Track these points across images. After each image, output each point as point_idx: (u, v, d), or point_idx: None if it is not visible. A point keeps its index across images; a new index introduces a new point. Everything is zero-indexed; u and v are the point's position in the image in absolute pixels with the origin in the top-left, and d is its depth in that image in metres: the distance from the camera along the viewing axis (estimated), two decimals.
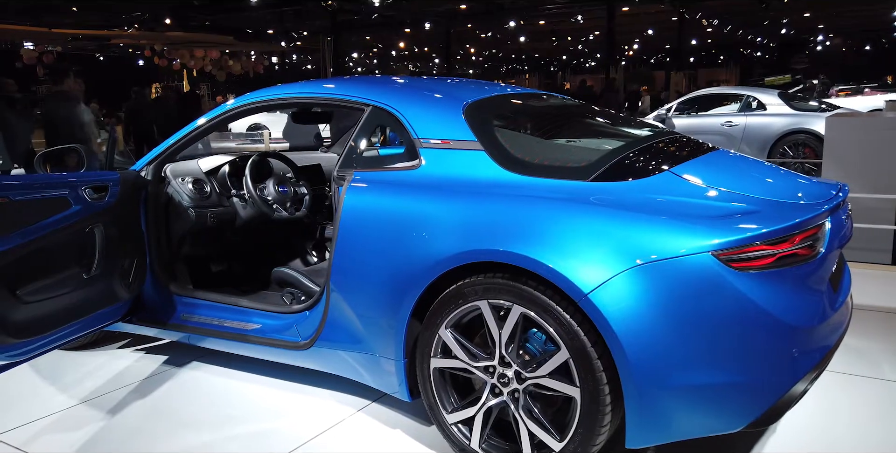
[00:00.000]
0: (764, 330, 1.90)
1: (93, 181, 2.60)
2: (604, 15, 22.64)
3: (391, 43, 32.41)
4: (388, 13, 23.23)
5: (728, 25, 29.75)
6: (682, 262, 1.89)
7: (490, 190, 2.23)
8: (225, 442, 2.44)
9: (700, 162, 2.41)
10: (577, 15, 24.51)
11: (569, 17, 25.31)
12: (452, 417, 2.25)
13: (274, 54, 30.73)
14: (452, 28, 27.28)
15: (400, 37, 30.25)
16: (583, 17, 24.79)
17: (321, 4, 20.68)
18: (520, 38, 30.32)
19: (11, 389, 2.93)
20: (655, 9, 23.90)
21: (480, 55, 40.95)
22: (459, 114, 2.45)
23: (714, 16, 27.05)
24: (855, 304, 3.75)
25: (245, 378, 2.97)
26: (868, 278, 4.47)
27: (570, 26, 27.89)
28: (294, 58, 35.46)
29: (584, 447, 2.01)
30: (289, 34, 27.20)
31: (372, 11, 22.19)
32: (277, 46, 27.65)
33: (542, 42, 33.86)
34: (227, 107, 2.98)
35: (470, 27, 28.09)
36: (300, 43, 29.48)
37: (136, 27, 22.63)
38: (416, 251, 2.24)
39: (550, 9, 23.70)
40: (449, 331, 2.21)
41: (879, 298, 3.95)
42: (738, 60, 43.14)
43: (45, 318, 2.37)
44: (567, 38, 33.15)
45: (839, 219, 2.21)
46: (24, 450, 2.41)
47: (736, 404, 1.94)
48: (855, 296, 3.92)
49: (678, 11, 24.52)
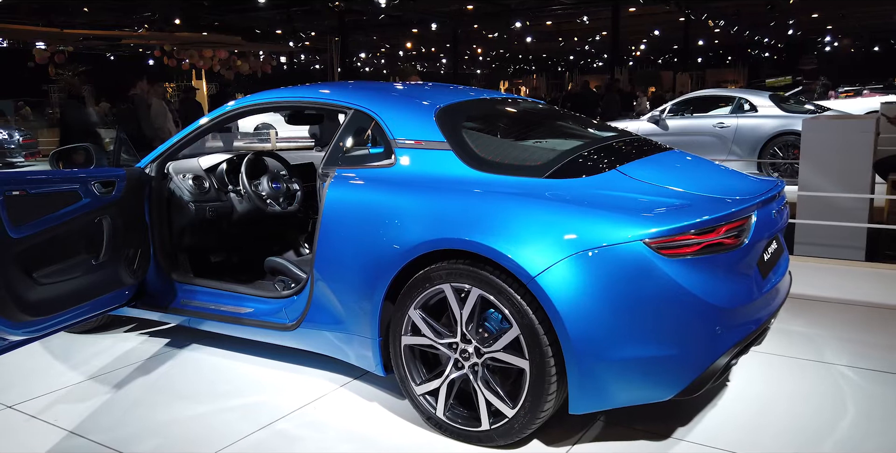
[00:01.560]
0: (689, 309, 2.14)
1: (101, 177, 2.87)
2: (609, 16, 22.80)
3: (398, 43, 32.71)
4: (395, 14, 23.49)
5: (735, 26, 29.88)
6: (617, 249, 2.14)
7: (455, 186, 2.49)
8: (217, 413, 2.71)
9: (647, 161, 2.66)
10: (583, 16, 24.72)
11: (575, 18, 25.49)
12: (420, 389, 2.51)
13: (282, 54, 31.07)
14: (459, 28, 27.49)
15: (407, 37, 30.54)
16: (588, 18, 24.99)
17: (329, 5, 20.96)
18: (526, 38, 30.54)
19: (27, 366, 3.21)
20: (661, 9, 24.05)
21: (488, 55, 41.17)
22: (431, 117, 2.70)
23: (720, 17, 27.18)
24: (818, 296, 3.99)
25: (238, 357, 3.24)
26: (840, 274, 4.68)
27: (576, 27, 28.06)
28: (302, 58, 35.80)
29: (533, 413, 2.26)
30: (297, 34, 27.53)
31: (379, 12, 22.44)
32: (286, 46, 27.96)
33: (548, 42, 34.04)
34: (226, 109, 3.24)
35: (476, 27, 28.29)
36: (308, 43, 29.81)
37: (146, 27, 23.02)
38: (388, 240, 2.49)
39: (556, 10, 23.90)
40: (417, 312, 2.46)
41: (843, 292, 4.16)
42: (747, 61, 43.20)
43: (57, 299, 2.64)
44: (574, 38, 33.33)
45: (768, 212, 2.45)
46: (38, 418, 2.69)
47: (665, 375, 2.19)
48: (822, 289, 4.16)
49: (684, 12, 24.68)
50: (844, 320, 3.64)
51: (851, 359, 3.09)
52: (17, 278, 2.45)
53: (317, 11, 22.44)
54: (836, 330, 3.50)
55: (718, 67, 43.38)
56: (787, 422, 2.53)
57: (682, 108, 9.87)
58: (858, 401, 2.68)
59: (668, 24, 27.38)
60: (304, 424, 2.60)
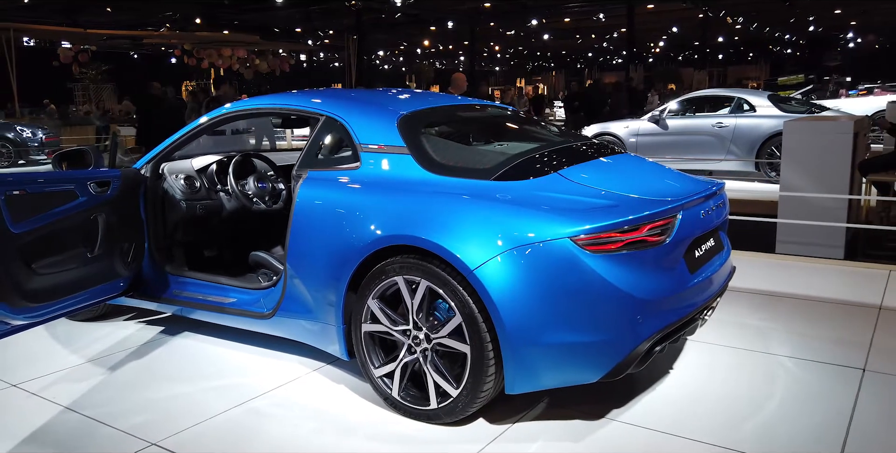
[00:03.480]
0: (612, 300, 2.37)
1: (97, 177, 3.15)
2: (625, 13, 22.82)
3: (416, 41, 32.98)
4: (413, 12, 23.74)
5: (754, 23, 29.69)
6: (546, 246, 2.37)
7: (411, 187, 2.73)
8: (199, 393, 2.98)
9: (590, 165, 2.87)
10: (600, 13, 24.76)
11: (591, 15, 25.53)
12: (378, 371, 2.75)
13: (301, 53, 31.51)
14: (476, 26, 27.66)
15: (424, 35, 30.79)
16: (605, 16, 25.02)
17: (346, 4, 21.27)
18: (544, 35, 30.63)
19: (31, 349, 3.51)
20: (679, 6, 24.01)
21: (505, 52, 41.27)
22: (394, 123, 2.94)
23: (739, 13, 27.05)
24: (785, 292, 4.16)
25: (223, 343, 3.52)
26: (815, 271, 4.83)
27: (593, 24, 28.09)
28: (321, 56, 36.23)
29: (474, 393, 2.49)
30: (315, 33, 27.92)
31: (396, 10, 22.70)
32: (304, 45, 28.36)
33: (566, 40, 34.10)
34: (215, 113, 3.51)
35: (493, 25, 28.43)
36: (327, 41, 30.20)
37: (167, 26, 23.56)
38: (350, 236, 2.74)
39: (573, 7, 23.98)
40: (375, 302, 2.71)
41: (814, 289, 4.32)
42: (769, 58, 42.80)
43: (55, 288, 2.93)
44: (591, 35, 33.32)
45: (696, 212, 2.66)
46: (39, 395, 2.98)
47: (590, 360, 2.41)
48: (792, 286, 4.32)
49: (701, 9, 24.61)
50: (805, 315, 3.81)
51: (794, 351, 3.28)
52: (18, 268, 2.74)
53: (335, 10, 22.77)
54: (791, 324, 3.68)
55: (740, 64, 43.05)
56: (716, 406, 2.74)
57: (683, 108, 10.00)
58: (788, 388, 2.88)
59: (687, 21, 27.30)
60: (276, 403, 2.86)
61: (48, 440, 2.60)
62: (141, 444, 2.53)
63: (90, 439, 2.59)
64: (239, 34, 22.64)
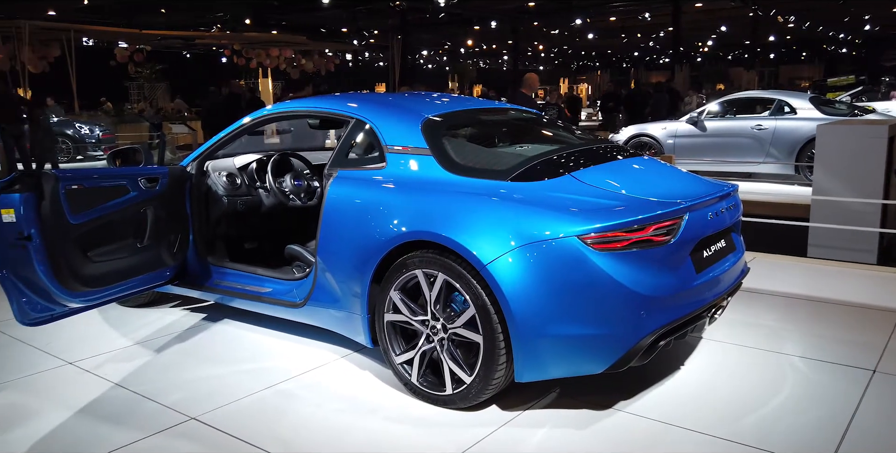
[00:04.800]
0: (616, 295, 2.50)
1: (147, 173, 3.42)
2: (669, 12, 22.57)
3: (459, 40, 33.16)
4: (456, 11, 23.93)
5: (807, 22, 28.96)
6: (555, 243, 2.52)
7: (432, 186, 2.91)
8: (236, 374, 3.22)
9: (604, 167, 3.01)
10: (645, 12, 24.54)
11: (637, 14, 25.32)
12: (399, 358, 2.95)
13: (346, 52, 32.03)
14: (520, 25, 27.69)
15: (468, 34, 30.95)
16: (651, 14, 24.78)
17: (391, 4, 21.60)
18: (588, 34, 30.45)
19: (86, 331, 3.81)
20: (727, 5, 23.64)
21: (549, 52, 41.13)
22: (418, 126, 3.13)
23: (790, 12, 26.45)
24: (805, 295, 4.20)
25: (258, 330, 3.76)
26: (842, 275, 4.82)
27: (639, 23, 27.83)
28: (366, 55, 36.73)
29: (486, 380, 2.66)
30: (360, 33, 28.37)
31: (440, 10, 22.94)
32: (350, 45, 28.83)
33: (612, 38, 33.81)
34: (257, 115, 3.75)
35: (537, 24, 28.42)
36: (372, 41, 30.65)
37: (218, 27, 24.29)
38: (375, 231, 2.94)
39: (619, 6, 23.84)
40: (397, 293, 2.90)
41: (837, 292, 4.34)
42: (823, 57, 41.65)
43: (108, 274, 3.20)
44: (637, 34, 32.99)
45: (703, 214, 2.77)
46: (92, 372, 3.26)
47: (595, 351, 2.56)
48: (814, 289, 4.35)
49: (750, 8, 24.17)
50: (823, 318, 3.86)
51: (806, 351, 3.35)
52: (75, 256, 3.02)
53: (380, 10, 23.14)
54: (808, 326, 3.74)
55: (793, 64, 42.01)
56: (720, 400, 2.85)
57: (723, 110, 9.94)
58: (794, 386, 2.97)
59: (736, 20, 26.82)
60: (304, 386, 3.08)
61: (100, 412, 2.87)
62: (181, 418, 2.78)
63: (137, 412, 2.85)
64: (286, 34, 23.19)
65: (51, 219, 2.90)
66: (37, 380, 3.20)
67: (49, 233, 2.88)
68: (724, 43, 37.81)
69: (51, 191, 2.90)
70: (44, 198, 2.88)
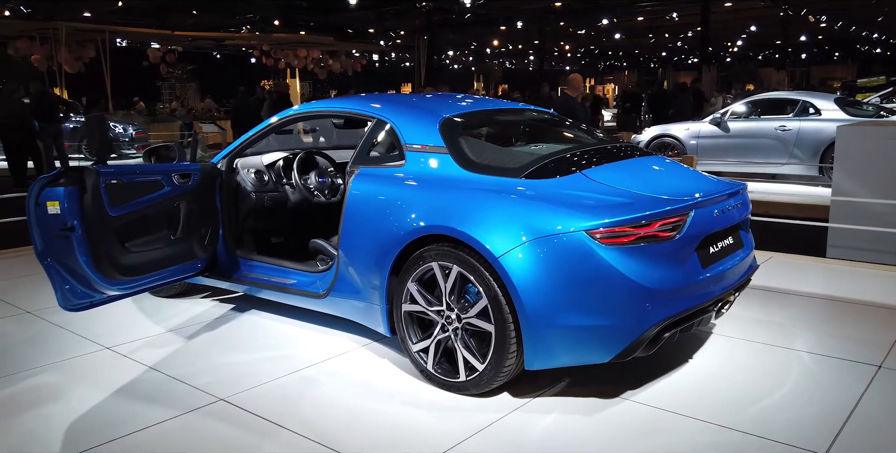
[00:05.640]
0: (622, 288, 2.62)
1: (180, 170, 3.62)
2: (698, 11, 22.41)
3: (485, 40, 33.26)
4: (482, 12, 24.05)
5: (839, 21, 28.54)
6: (563, 237, 2.65)
7: (448, 183, 3.05)
8: (261, 360, 3.40)
9: (614, 165, 3.13)
10: (673, 12, 24.40)
11: (665, 14, 25.18)
12: (415, 347, 3.09)
13: (373, 53, 32.34)
14: (546, 25, 27.70)
15: (494, 34, 31.04)
16: (679, 14, 24.62)
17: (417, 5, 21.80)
18: (615, 34, 30.35)
19: (122, 319, 4.02)
20: (756, 5, 23.41)
21: (576, 52, 41.01)
22: (436, 126, 3.27)
23: (821, 12, 26.10)
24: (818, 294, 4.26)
25: (283, 320, 3.94)
26: (860, 275, 4.85)
27: (667, 23, 27.67)
28: (392, 56, 37.01)
29: (498, 368, 2.80)
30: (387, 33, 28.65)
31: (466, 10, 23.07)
32: (376, 45, 29.13)
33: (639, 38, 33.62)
34: (284, 114, 3.93)
35: (563, 24, 28.40)
36: (398, 41, 30.91)
37: (247, 28, 24.71)
38: (393, 226, 3.09)
39: (646, 6, 23.74)
40: (414, 285, 3.04)
41: (851, 292, 4.39)
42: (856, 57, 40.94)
43: (144, 264, 3.40)
44: (665, 34, 32.77)
45: (709, 211, 2.87)
46: (128, 357, 3.47)
47: (601, 341, 2.68)
48: (826, 288, 4.40)
49: (781, 8, 23.91)
50: (835, 316, 3.93)
51: (814, 347, 3.43)
52: (114, 246, 3.22)
53: (406, 11, 23.36)
54: (818, 323, 3.81)
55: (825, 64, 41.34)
56: (724, 391, 2.95)
57: (746, 111, 9.93)
58: (799, 379, 3.05)
59: (766, 19, 26.53)
60: (325, 372, 3.24)
61: (136, 392, 3.06)
62: (210, 399, 2.96)
63: (170, 393, 3.04)
64: (314, 35, 23.51)
65: (92, 211, 3.10)
66: (76, 363, 3.41)
67: (90, 224, 3.09)
68: (754, 43, 37.37)
69: (92, 186, 3.10)
70: (86, 192, 3.08)
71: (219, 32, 23.18)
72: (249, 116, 11.64)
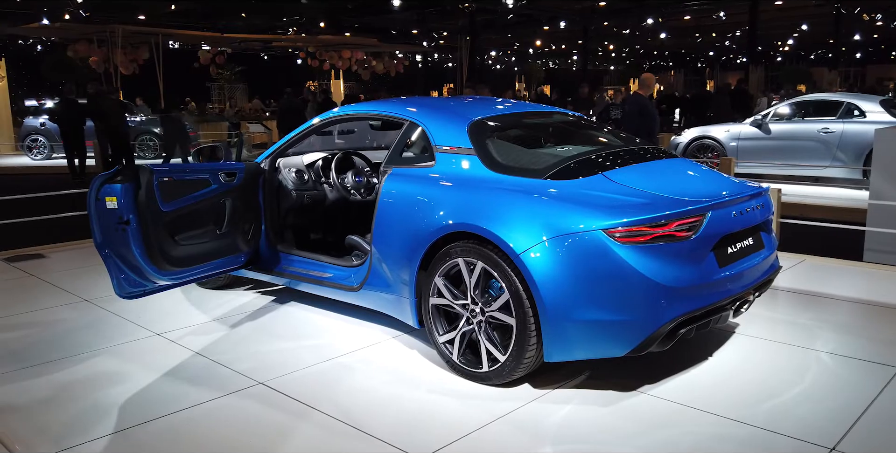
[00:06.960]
0: (637, 285, 2.74)
1: (226, 169, 3.86)
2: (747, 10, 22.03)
3: (528, 40, 33.25)
4: (525, 12, 24.09)
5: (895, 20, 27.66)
6: (581, 235, 2.78)
7: (475, 183, 3.21)
8: (299, 348, 3.61)
9: (635, 167, 3.24)
10: (720, 11, 24.03)
11: (712, 13, 24.81)
12: (442, 338, 3.26)
13: (416, 54, 32.66)
14: (590, 25, 27.56)
15: (537, 34, 31.02)
16: (727, 13, 24.24)
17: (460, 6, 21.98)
18: (661, 34, 30.00)
19: (172, 308, 4.30)
20: (808, 3, 22.91)
21: (620, 51, 40.62)
22: (464, 128, 3.44)
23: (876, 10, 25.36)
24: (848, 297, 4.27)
25: (320, 311, 4.16)
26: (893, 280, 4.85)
27: (714, 22, 27.23)
28: (435, 56, 37.27)
29: (518, 359, 2.94)
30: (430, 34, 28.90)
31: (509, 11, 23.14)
32: (419, 46, 29.42)
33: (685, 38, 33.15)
34: (325, 116, 4.14)
35: (607, 24, 28.21)
36: (441, 42, 31.14)
37: (293, 30, 25.28)
38: (422, 223, 3.26)
39: (692, 5, 23.44)
40: (441, 279, 3.21)
41: (883, 296, 4.39)
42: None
43: (191, 257, 3.65)
44: (712, 34, 32.23)
45: (727, 212, 2.97)
46: (177, 343, 3.72)
47: (618, 336, 2.80)
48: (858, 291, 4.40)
49: (833, 6, 23.34)
50: (860, 318, 3.95)
51: (835, 348, 3.47)
52: (165, 239, 3.47)
53: (449, 12, 23.57)
54: (843, 325, 3.84)
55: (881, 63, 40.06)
56: (740, 388, 3.04)
57: (789, 113, 9.81)
58: (816, 378, 3.11)
59: (818, 18, 25.90)
60: (358, 361, 3.44)
61: (184, 375, 3.30)
62: (251, 382, 3.18)
63: (213, 376, 3.27)
64: (358, 37, 23.92)
65: (146, 206, 3.36)
66: (129, 348, 3.68)
67: (144, 218, 3.34)
68: (806, 42, 36.42)
69: (146, 183, 3.36)
70: (140, 188, 3.34)
71: (266, 34, 23.76)
72: (295, 117, 11.95)
